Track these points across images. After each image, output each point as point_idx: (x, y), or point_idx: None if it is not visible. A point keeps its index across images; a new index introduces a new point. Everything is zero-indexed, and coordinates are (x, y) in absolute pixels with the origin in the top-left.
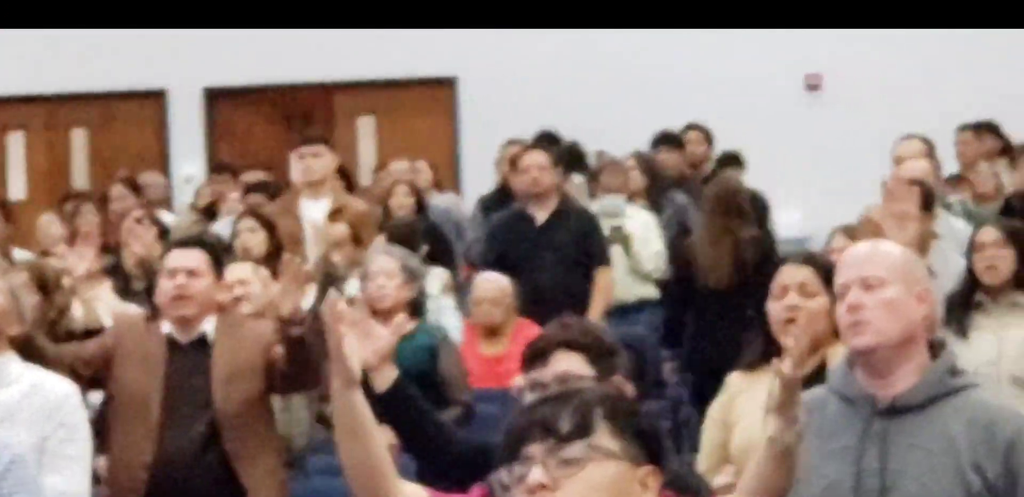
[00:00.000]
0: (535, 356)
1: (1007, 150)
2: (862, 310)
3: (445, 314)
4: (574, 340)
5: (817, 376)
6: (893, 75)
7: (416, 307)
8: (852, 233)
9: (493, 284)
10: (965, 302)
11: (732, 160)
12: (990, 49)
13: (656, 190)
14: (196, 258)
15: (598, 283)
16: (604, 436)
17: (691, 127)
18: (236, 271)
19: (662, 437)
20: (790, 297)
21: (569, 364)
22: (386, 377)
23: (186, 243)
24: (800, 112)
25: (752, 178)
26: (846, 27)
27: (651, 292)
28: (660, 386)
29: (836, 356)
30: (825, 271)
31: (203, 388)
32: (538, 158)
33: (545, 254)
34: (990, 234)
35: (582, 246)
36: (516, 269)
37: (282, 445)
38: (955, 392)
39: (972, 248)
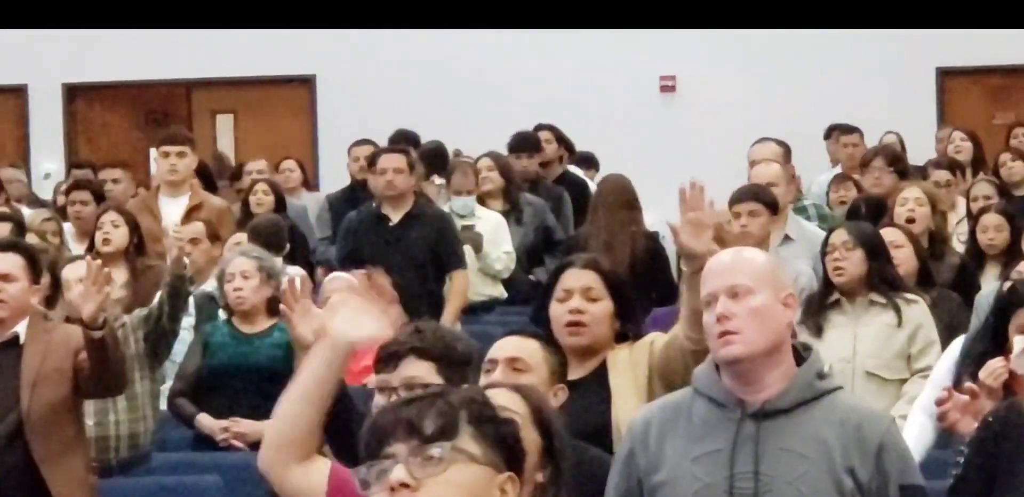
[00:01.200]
0: (386, 359)
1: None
2: (731, 319)
3: None
4: (425, 349)
5: (596, 377)
6: (747, 77)
7: (275, 306)
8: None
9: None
10: (821, 302)
11: (586, 161)
12: (845, 51)
13: (512, 190)
14: (11, 262)
15: (453, 286)
16: (467, 440)
17: (541, 127)
18: (77, 269)
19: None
20: (574, 300)
21: (417, 371)
22: None
23: (1, 247)
24: (654, 114)
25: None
26: (700, 28)
27: (500, 292)
28: None
29: (616, 359)
30: (609, 276)
31: (11, 390)
32: (395, 160)
33: (397, 255)
34: (839, 236)
35: (435, 248)
36: (369, 266)
37: (89, 449)
38: (823, 395)
39: (824, 250)
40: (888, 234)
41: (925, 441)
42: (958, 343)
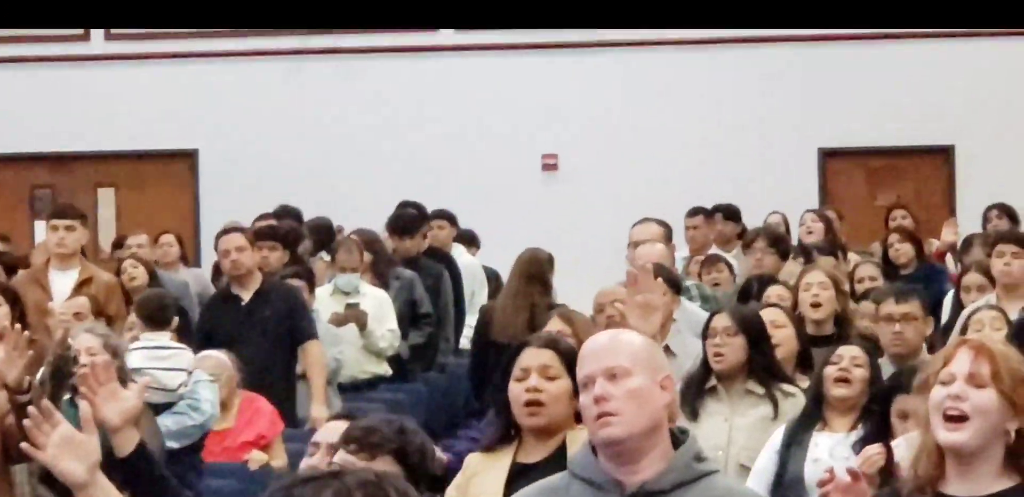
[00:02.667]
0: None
1: (742, 234)
2: (608, 401)
3: (201, 386)
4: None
5: (557, 458)
6: (630, 156)
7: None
8: (568, 317)
9: (211, 361)
10: (699, 386)
11: (468, 239)
12: (728, 131)
13: (381, 265)
14: None
15: (308, 358)
16: None
17: (406, 204)
18: None
19: None
20: (532, 379)
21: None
22: (129, 439)
23: None
24: (536, 192)
25: (489, 257)
26: (583, 109)
27: (384, 369)
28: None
29: (576, 439)
30: (566, 354)
31: None
32: (234, 240)
33: (251, 333)
34: (721, 321)
35: (287, 323)
36: (226, 348)
37: None
38: (701, 477)
39: (705, 334)
40: (769, 314)
41: None
42: (780, 431)
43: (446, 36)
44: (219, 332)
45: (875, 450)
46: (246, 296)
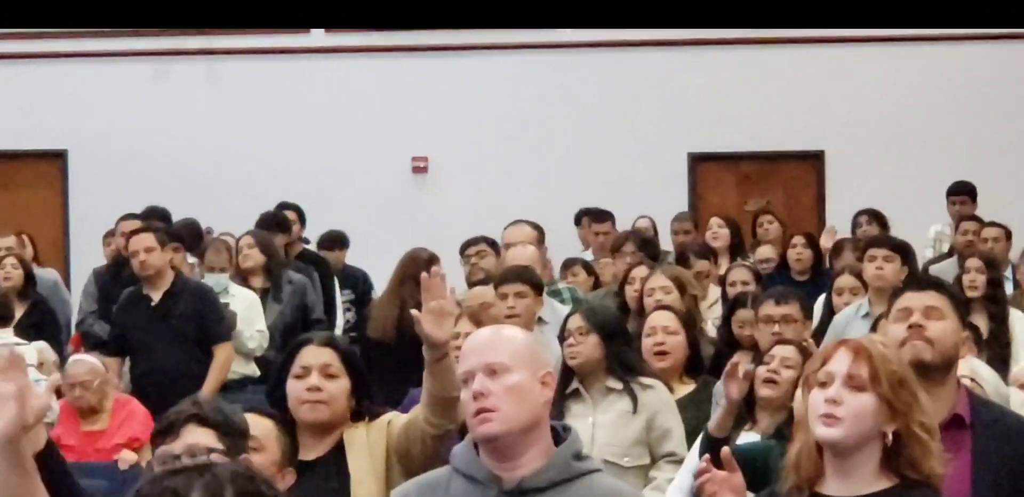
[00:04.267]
0: (165, 430)
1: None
2: (488, 397)
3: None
4: (205, 416)
5: (333, 456)
6: (500, 159)
7: None
8: (477, 318)
9: (83, 368)
10: (562, 389)
11: (336, 240)
12: (598, 135)
13: (274, 268)
14: None
15: (216, 359)
16: None
17: (285, 206)
18: None
19: None
20: (312, 378)
21: (199, 438)
22: (40, 438)
23: None
24: (406, 194)
25: (360, 259)
26: (454, 112)
27: (253, 370)
28: None
29: (352, 438)
30: (347, 353)
31: None
32: (144, 241)
33: (163, 334)
34: (574, 321)
35: (198, 324)
36: (136, 348)
37: None
38: (580, 476)
39: (562, 335)
40: (662, 319)
41: None
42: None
43: (317, 37)
44: (131, 333)
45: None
46: (156, 296)
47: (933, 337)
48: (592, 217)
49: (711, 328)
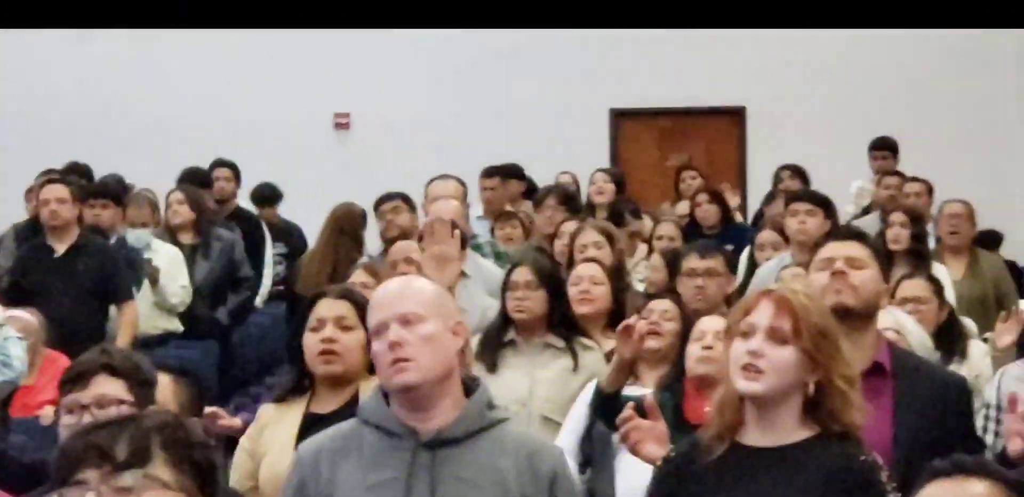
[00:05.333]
0: (75, 379)
1: (531, 193)
2: (403, 347)
3: (11, 343)
4: (115, 365)
5: (350, 408)
6: (421, 115)
7: None
8: (373, 270)
9: (18, 323)
10: (498, 339)
11: (269, 194)
12: (519, 91)
13: (203, 224)
14: None
15: (122, 317)
16: (160, 466)
17: (220, 163)
18: None
19: (218, 471)
20: (327, 330)
21: (109, 388)
22: None
23: None
24: (329, 150)
25: (283, 213)
26: (375, 68)
27: (176, 325)
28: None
29: (369, 390)
30: (361, 306)
31: None
32: (57, 191)
33: (60, 285)
34: (523, 274)
35: (101, 280)
36: (33, 299)
37: None
38: (494, 425)
39: (506, 287)
40: (588, 270)
41: None
42: (591, 385)
43: None
44: (28, 281)
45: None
46: (60, 249)
47: (856, 284)
48: (491, 174)
49: (637, 284)
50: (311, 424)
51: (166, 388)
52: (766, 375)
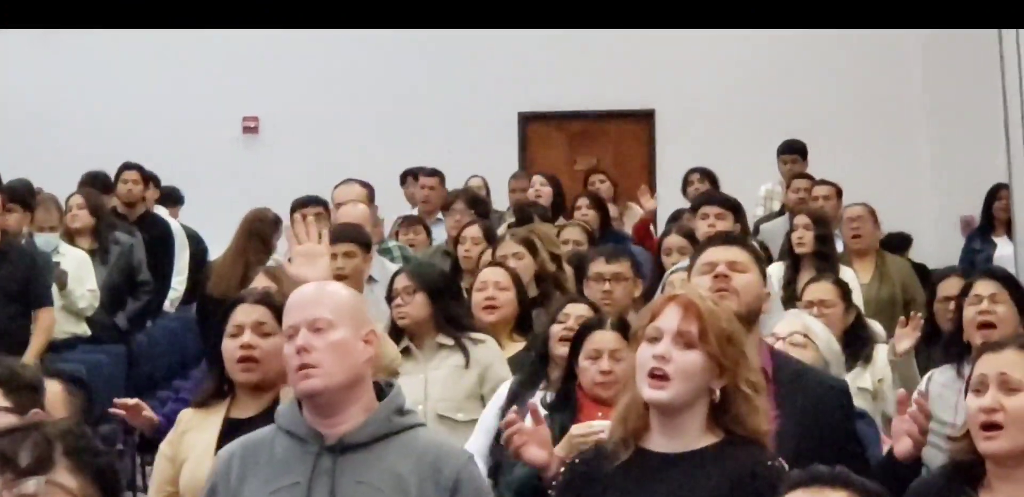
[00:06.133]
0: None
1: None
2: (311, 352)
3: None
4: None
5: (269, 414)
6: (329, 119)
7: None
8: (274, 274)
9: None
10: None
11: (170, 197)
12: (427, 94)
13: (102, 229)
14: None
15: (38, 323)
16: (63, 473)
17: (128, 166)
18: None
19: (120, 477)
20: (245, 335)
21: None
22: None
23: None
24: (237, 154)
25: (191, 217)
26: (284, 71)
27: (84, 330)
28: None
29: (289, 396)
30: (279, 311)
31: None
32: None
33: None
34: (401, 281)
35: (22, 285)
36: None
37: None
38: (402, 431)
39: (390, 295)
40: (493, 275)
41: None
42: (506, 386)
43: None
44: None
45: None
46: None
47: (738, 288)
48: (433, 174)
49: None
50: (231, 429)
51: (56, 395)
52: (672, 382)
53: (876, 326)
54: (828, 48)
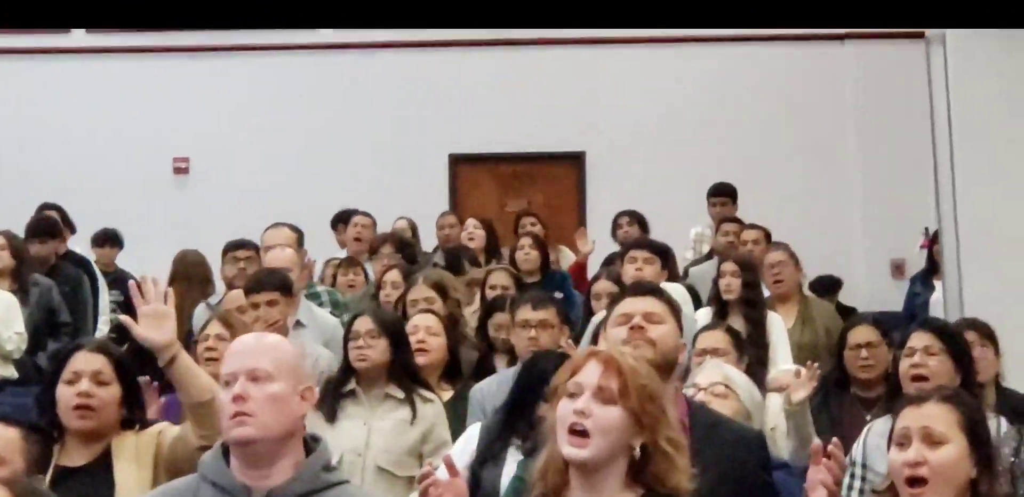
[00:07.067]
0: None
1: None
2: (247, 401)
3: None
4: None
5: (100, 463)
6: (260, 161)
7: None
8: (227, 321)
9: None
10: (337, 389)
11: (109, 238)
12: (359, 136)
13: (23, 271)
14: None
15: None
16: None
17: (47, 207)
18: None
19: None
20: (83, 384)
21: None
22: None
23: None
24: (169, 195)
25: (123, 258)
26: (214, 112)
27: (11, 372)
28: None
29: (121, 445)
30: (119, 361)
31: None
32: None
33: None
34: (364, 324)
35: None
36: None
37: None
38: (329, 487)
39: (347, 336)
40: (424, 320)
41: None
42: (475, 429)
43: (77, 38)
44: None
45: None
46: None
47: (654, 338)
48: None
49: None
50: (60, 478)
51: (13, 442)
52: (592, 438)
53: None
54: (760, 90)
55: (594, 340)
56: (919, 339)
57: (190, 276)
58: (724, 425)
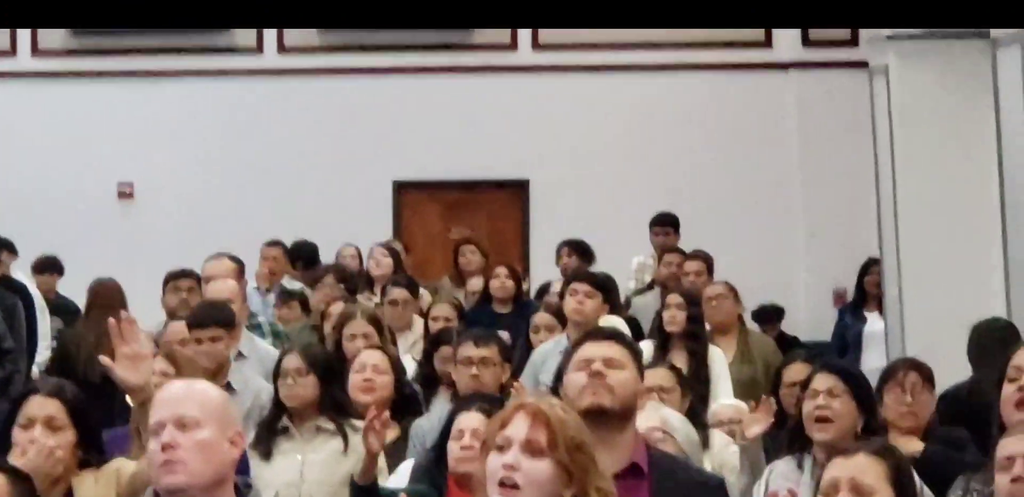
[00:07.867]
0: None
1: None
2: (176, 449)
3: None
4: None
5: None
6: (205, 185)
7: None
8: (173, 358)
9: None
10: (270, 427)
11: (50, 265)
12: (302, 162)
13: None
14: None
15: None
16: None
17: None
18: None
19: None
20: (36, 430)
21: None
22: None
23: None
24: (113, 220)
25: (66, 284)
26: (159, 137)
27: None
28: None
29: (81, 484)
30: (73, 404)
31: None
32: None
33: None
34: (292, 361)
35: None
36: None
37: None
38: None
39: (277, 373)
40: (372, 358)
41: None
42: (408, 465)
43: (23, 61)
44: None
45: None
46: None
47: (613, 385)
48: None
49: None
50: None
51: (1, 488)
52: (522, 491)
53: (741, 406)
54: (704, 119)
55: (558, 376)
56: (823, 381)
57: (109, 304)
58: (684, 470)
